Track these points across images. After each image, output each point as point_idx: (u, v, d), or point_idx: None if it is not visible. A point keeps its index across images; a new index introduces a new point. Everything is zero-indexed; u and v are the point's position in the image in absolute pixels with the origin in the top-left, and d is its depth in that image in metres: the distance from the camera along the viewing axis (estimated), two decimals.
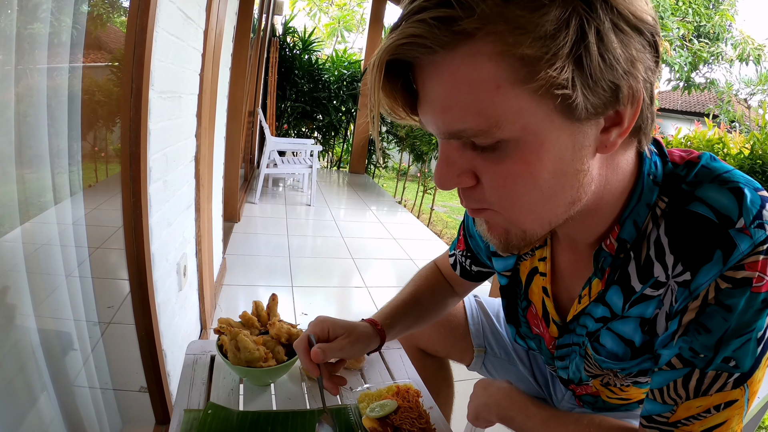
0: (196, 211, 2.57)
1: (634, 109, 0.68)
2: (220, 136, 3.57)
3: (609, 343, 0.95)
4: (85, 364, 1.53)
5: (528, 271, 1.11)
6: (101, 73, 1.72)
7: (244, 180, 6.79)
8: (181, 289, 2.26)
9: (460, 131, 0.67)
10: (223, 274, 3.84)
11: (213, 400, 1.15)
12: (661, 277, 0.82)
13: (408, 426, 1.07)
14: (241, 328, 1.22)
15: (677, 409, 0.80)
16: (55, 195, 1.28)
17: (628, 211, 0.83)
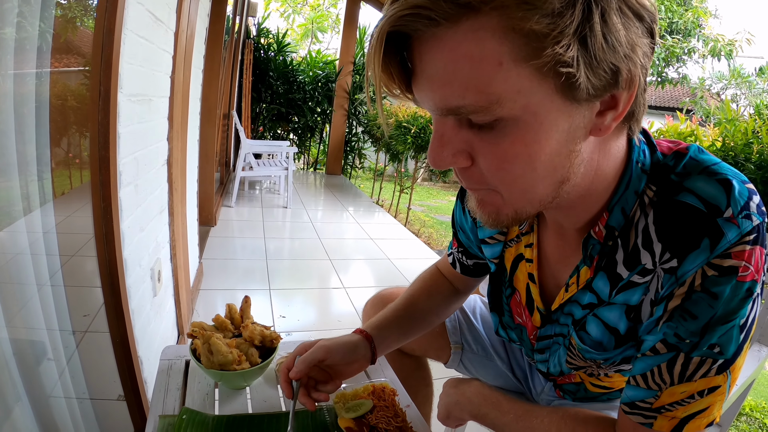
0: (170, 215, 2.54)
1: (629, 94, 0.69)
2: (193, 140, 3.54)
3: (594, 331, 0.95)
4: (61, 375, 1.51)
5: (513, 257, 1.11)
6: (72, 78, 1.69)
7: (220, 184, 6.74)
8: (156, 294, 2.23)
9: (459, 107, 0.66)
10: (200, 278, 3.81)
11: (188, 405, 1.15)
12: (649, 264, 0.83)
13: (384, 425, 1.06)
14: (214, 331, 1.20)
15: (661, 394, 0.80)
16: (25, 204, 1.26)
17: (617, 198, 0.84)
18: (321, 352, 1.10)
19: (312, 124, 10.10)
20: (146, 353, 2.00)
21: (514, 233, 1.10)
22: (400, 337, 1.29)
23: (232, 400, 1.21)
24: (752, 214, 0.73)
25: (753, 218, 0.73)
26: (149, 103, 2.03)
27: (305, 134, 10.38)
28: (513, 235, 1.11)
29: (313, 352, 1.10)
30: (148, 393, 1.99)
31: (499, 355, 1.51)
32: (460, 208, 1.26)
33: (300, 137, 10.41)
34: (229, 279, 4.01)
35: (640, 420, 0.83)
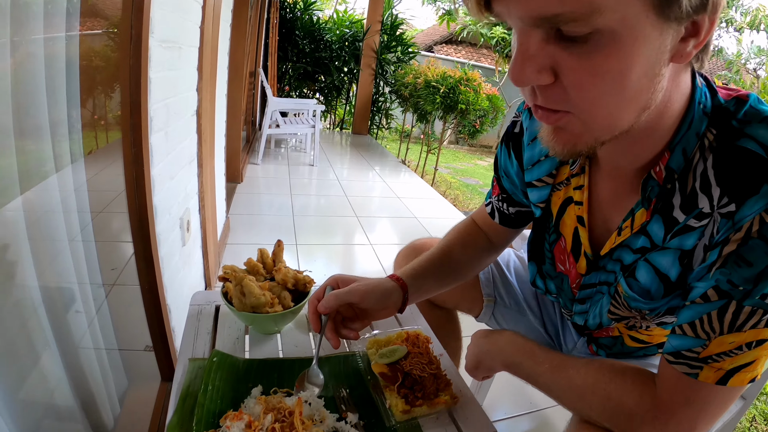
0: (199, 167, 2.53)
1: (710, 22, 0.67)
2: (221, 94, 3.52)
3: (644, 277, 0.93)
4: (90, 326, 1.52)
5: (561, 201, 1.08)
6: (99, 40, 1.68)
7: (246, 142, 6.74)
8: (185, 244, 2.24)
9: (556, 15, 0.62)
10: (227, 233, 3.82)
11: (218, 349, 1.14)
12: (706, 208, 0.80)
13: (419, 371, 1.05)
14: (245, 274, 1.19)
15: (709, 343, 0.78)
16: (56, 163, 1.26)
17: (679, 136, 0.82)
18: (355, 296, 1.08)
19: (338, 84, 10.04)
20: (174, 302, 2.01)
21: (563, 175, 1.07)
22: (433, 288, 1.26)
23: (262, 345, 1.20)
24: None
25: None
26: (179, 50, 2.01)
27: (331, 94, 10.33)
28: (562, 178, 1.07)
29: (348, 294, 1.08)
30: (175, 342, 2.00)
31: (531, 309, 1.49)
32: (506, 152, 1.21)
33: (326, 97, 10.36)
34: (256, 234, 4.02)
35: (685, 370, 0.80)
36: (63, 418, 1.32)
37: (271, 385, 1.04)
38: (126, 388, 1.87)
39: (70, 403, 1.32)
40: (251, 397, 1.00)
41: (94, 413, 1.51)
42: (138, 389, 1.98)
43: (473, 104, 6.86)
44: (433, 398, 1.02)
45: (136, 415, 1.84)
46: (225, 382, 1.04)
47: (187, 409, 0.98)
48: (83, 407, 1.38)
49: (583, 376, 0.94)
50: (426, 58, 11.42)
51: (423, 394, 1.02)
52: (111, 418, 1.63)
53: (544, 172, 1.10)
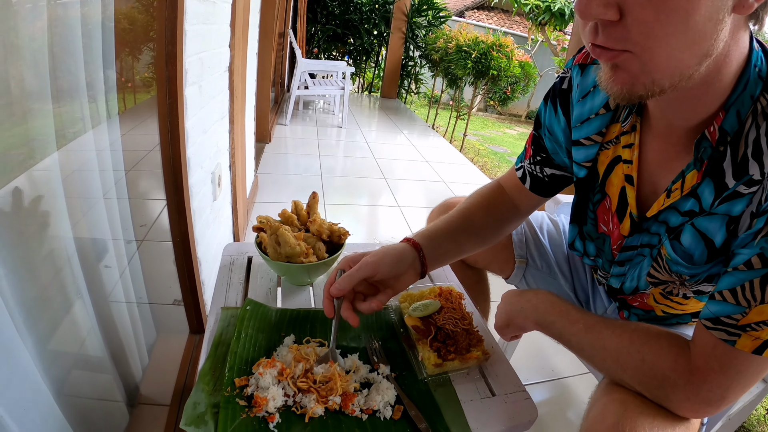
0: (230, 123, 2.53)
1: None
2: (252, 52, 3.50)
3: (688, 241, 0.91)
4: (121, 279, 1.54)
5: (609, 160, 1.05)
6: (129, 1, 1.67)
7: (274, 103, 6.73)
8: (216, 199, 2.25)
9: None
10: (255, 191, 3.84)
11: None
12: (756, 175, 0.78)
13: (451, 326, 1.04)
14: (281, 224, 1.19)
15: (750, 311, 0.77)
16: (89, 122, 1.27)
17: (734, 97, 0.80)
18: (367, 269, 1.03)
19: (368, 47, 9.96)
20: (204, 256, 2.03)
21: (613, 134, 1.04)
22: (452, 250, 1.21)
23: (294, 297, 1.20)
24: None
25: None
26: (214, 5, 2.00)
27: (360, 57, 10.25)
28: (612, 136, 1.04)
29: (359, 271, 1.02)
30: (204, 295, 2.02)
31: (563, 273, 1.48)
32: (552, 109, 1.17)
33: (355, 60, 10.29)
34: (283, 193, 4.03)
35: (722, 336, 0.80)
36: (93, 368, 1.35)
37: (304, 334, 1.05)
38: (155, 340, 1.90)
39: (100, 354, 1.34)
40: (284, 345, 1.01)
41: (124, 364, 1.54)
42: (166, 341, 2.01)
43: (505, 71, 6.77)
44: (465, 353, 1.02)
45: (164, 366, 1.87)
46: (257, 331, 1.05)
47: (220, 356, 0.99)
48: (113, 358, 1.40)
49: (618, 337, 0.93)
50: (457, 23, 11.25)
51: (455, 348, 1.02)
52: (140, 369, 1.67)
53: (593, 130, 1.07)
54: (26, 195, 1.05)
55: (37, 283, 1.10)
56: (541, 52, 11.60)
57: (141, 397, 1.65)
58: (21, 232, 1.05)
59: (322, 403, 0.87)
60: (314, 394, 0.88)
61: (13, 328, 0.89)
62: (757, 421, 2.27)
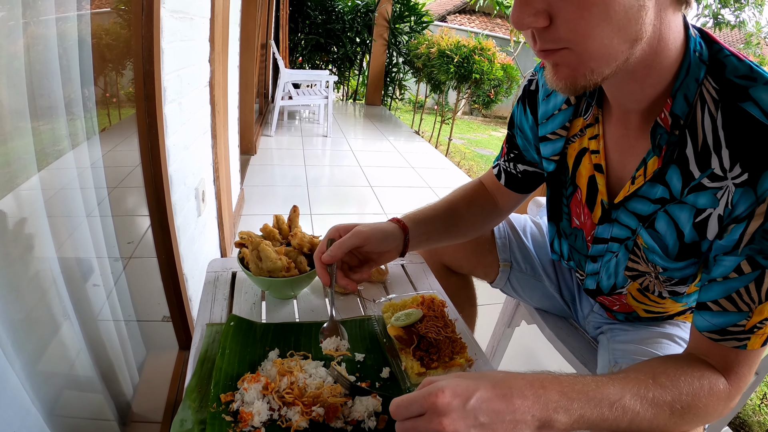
0: (213, 138, 2.54)
1: None
2: (233, 66, 3.51)
3: (663, 228, 0.95)
4: (108, 298, 1.54)
5: (576, 152, 1.10)
6: (110, 17, 1.68)
7: (259, 114, 6.73)
8: (200, 215, 2.25)
9: None
10: (241, 204, 3.85)
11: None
12: (717, 170, 0.82)
13: (434, 334, 1.05)
14: (262, 239, 1.19)
15: (752, 314, 0.80)
16: (71, 141, 1.27)
17: (679, 82, 0.84)
18: (359, 238, 1.07)
19: (351, 55, 9.97)
20: (191, 272, 2.03)
21: (577, 127, 1.09)
22: (434, 237, 1.26)
23: (278, 310, 1.21)
24: None
25: None
26: (191, 21, 2.01)
27: (344, 65, 10.27)
28: (576, 130, 1.09)
29: (350, 239, 1.07)
30: (192, 311, 2.03)
31: (548, 274, 1.49)
32: (521, 109, 1.24)
33: (339, 68, 10.30)
34: (270, 205, 4.04)
35: (733, 344, 0.83)
36: (83, 388, 1.35)
37: (288, 348, 1.06)
38: (144, 357, 1.90)
39: (90, 374, 1.35)
40: (268, 360, 1.01)
41: (114, 382, 1.54)
42: (156, 358, 2.01)
43: (487, 74, 6.81)
44: (449, 361, 1.03)
45: (154, 383, 1.87)
46: (242, 346, 1.05)
47: (206, 372, 0.99)
48: (103, 377, 1.41)
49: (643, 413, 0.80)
50: (439, 27, 11.29)
51: (438, 356, 1.03)
52: (130, 387, 1.67)
53: (557, 125, 1.12)
54: (10, 216, 1.06)
55: (24, 304, 1.10)
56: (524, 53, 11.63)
57: (133, 415, 1.65)
58: (6, 254, 1.05)
59: (306, 415, 0.88)
60: (299, 406, 0.88)
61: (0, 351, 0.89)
62: (752, 410, 2.30)
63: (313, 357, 1.03)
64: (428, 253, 1.51)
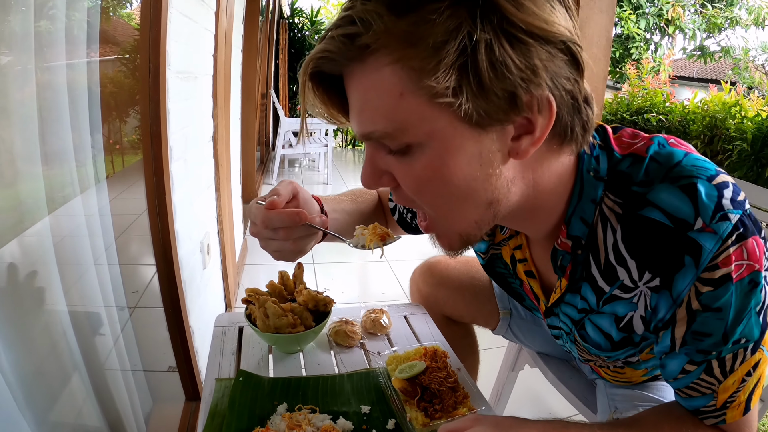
0: (217, 191, 2.59)
1: (546, 117, 0.69)
2: (235, 118, 3.58)
3: (592, 333, 0.96)
4: (115, 347, 1.56)
5: (510, 255, 1.10)
6: (117, 66, 1.74)
7: (260, 162, 6.80)
8: (206, 267, 2.29)
9: (371, 133, 0.73)
10: (245, 254, 3.88)
11: (243, 369, 1.18)
12: (627, 281, 0.83)
13: (437, 385, 1.08)
14: (268, 296, 1.23)
15: (717, 395, 0.81)
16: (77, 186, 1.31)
17: (572, 209, 0.85)
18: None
19: None
20: (196, 323, 2.05)
21: (500, 237, 1.09)
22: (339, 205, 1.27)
23: (285, 364, 1.24)
24: (728, 213, 0.72)
25: (730, 216, 0.72)
26: (195, 80, 2.07)
27: None
28: (499, 239, 1.10)
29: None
30: (198, 362, 2.04)
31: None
32: None
33: None
34: None
35: (713, 422, 0.85)
36: None
37: (296, 402, 1.08)
38: (151, 407, 1.91)
39: (97, 423, 1.36)
40: (277, 414, 1.04)
41: None
42: (163, 409, 2.02)
43: None
44: (452, 411, 1.05)
45: None
46: (251, 401, 1.08)
47: (216, 427, 1.01)
48: (110, 427, 1.42)
49: None
50: None
51: (442, 407, 1.05)
52: None
53: None
54: (19, 262, 1.09)
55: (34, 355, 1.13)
56: None
57: None
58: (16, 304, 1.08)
59: None
60: None
61: (14, 403, 0.92)
62: None
63: (320, 410, 1.05)
64: (429, 305, 1.53)
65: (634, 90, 7.80)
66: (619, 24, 13.95)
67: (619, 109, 7.31)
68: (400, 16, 0.63)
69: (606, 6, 1.96)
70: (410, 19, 0.63)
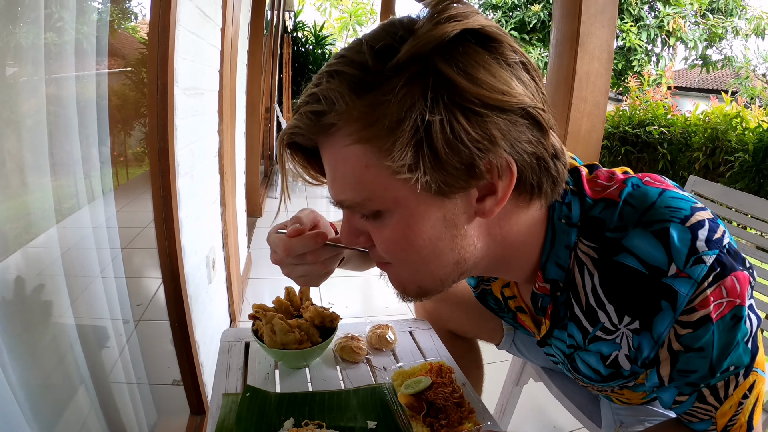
0: (222, 206, 2.61)
1: (507, 179, 0.71)
2: (240, 132, 3.61)
3: (582, 367, 0.98)
4: (120, 360, 1.57)
5: (500, 291, 1.13)
6: (119, 78, 1.75)
7: (264, 176, 6.82)
8: (211, 281, 2.30)
9: (343, 201, 0.77)
10: (249, 268, 3.89)
11: (250, 384, 1.19)
12: (608, 324, 0.85)
13: (442, 401, 1.09)
14: (275, 312, 1.24)
15: (716, 420, 0.83)
16: (80, 199, 1.32)
17: (545, 256, 0.87)
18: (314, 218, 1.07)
19: None
20: (202, 338, 2.07)
21: (487, 275, 1.13)
22: None
23: (292, 379, 1.25)
24: (703, 255, 0.73)
25: (705, 258, 0.73)
26: (201, 96, 2.09)
27: None
28: (487, 276, 1.14)
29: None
30: (204, 376, 2.05)
31: None
32: None
33: None
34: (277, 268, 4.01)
35: None
36: None
37: (303, 417, 1.09)
38: (156, 421, 1.91)
39: None
40: (284, 429, 1.05)
41: None
42: (167, 423, 2.03)
43: None
44: (457, 426, 1.06)
45: None
46: (258, 416, 1.09)
47: None
48: None
49: None
50: None
51: (447, 422, 1.06)
52: None
53: None
54: (27, 272, 1.10)
55: (40, 367, 1.14)
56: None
57: None
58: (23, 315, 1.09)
59: None
60: None
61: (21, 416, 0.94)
62: None
63: (327, 426, 1.06)
64: (433, 320, 1.54)
65: (636, 103, 7.83)
66: (620, 36, 14.02)
67: (621, 122, 7.35)
68: (360, 96, 0.67)
69: (607, 20, 1.98)
70: (368, 99, 0.66)
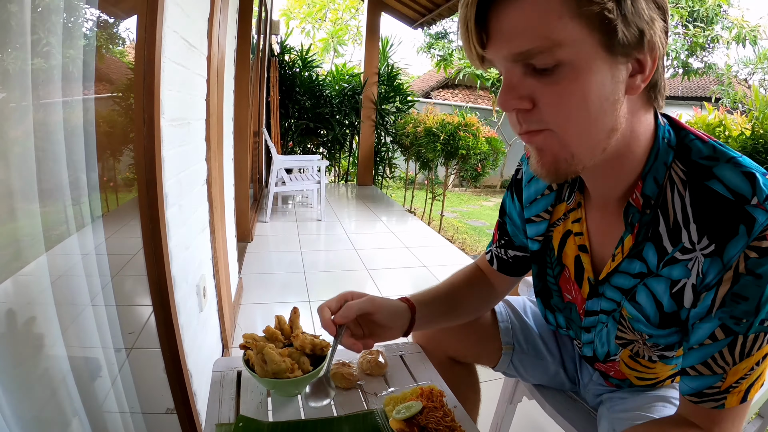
0: (211, 233, 2.61)
1: (653, 58, 0.83)
2: (228, 158, 3.61)
3: (644, 301, 1.03)
4: (113, 389, 1.56)
5: (561, 235, 1.19)
6: (107, 104, 1.76)
7: (254, 200, 6.83)
8: (202, 310, 2.30)
9: (529, 50, 0.81)
10: (240, 293, 3.88)
11: (242, 414, 1.19)
12: (687, 243, 0.92)
13: (434, 425, 1.10)
14: (266, 342, 1.25)
15: (727, 376, 0.89)
16: (70, 226, 1.32)
17: (648, 167, 0.96)
18: (371, 306, 1.19)
19: (341, 137, 10.17)
20: (194, 366, 2.06)
21: (560, 212, 1.19)
22: (437, 318, 1.37)
23: (284, 407, 1.25)
24: None
25: None
26: (188, 126, 2.10)
27: (334, 147, 10.46)
28: (559, 215, 1.19)
29: (364, 303, 1.19)
30: (197, 405, 2.04)
31: (550, 350, 1.55)
32: (510, 197, 1.36)
33: (329, 150, 10.49)
34: (268, 293, 4.07)
35: (711, 405, 0.92)
36: None
37: None
38: None
39: None
40: None
41: None
42: None
43: (473, 149, 6.97)
44: None
45: None
46: None
47: None
48: None
49: None
50: (425, 105, 11.59)
51: None
52: None
53: (541, 208, 1.23)
54: (16, 301, 1.10)
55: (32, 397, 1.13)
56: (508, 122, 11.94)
57: None
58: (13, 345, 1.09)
59: None
60: None
61: None
62: None
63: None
64: (433, 346, 1.55)
65: None
66: None
67: None
68: None
69: None
70: None
